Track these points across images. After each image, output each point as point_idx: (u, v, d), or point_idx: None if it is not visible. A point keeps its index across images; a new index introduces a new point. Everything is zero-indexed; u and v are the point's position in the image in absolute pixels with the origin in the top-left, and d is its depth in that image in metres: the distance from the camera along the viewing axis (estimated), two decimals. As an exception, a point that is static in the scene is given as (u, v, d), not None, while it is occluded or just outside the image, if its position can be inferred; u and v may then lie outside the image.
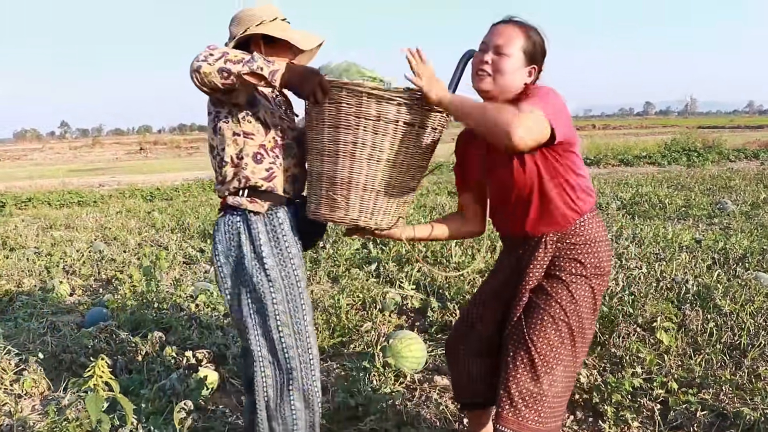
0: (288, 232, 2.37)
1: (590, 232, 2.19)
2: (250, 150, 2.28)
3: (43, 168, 32.07)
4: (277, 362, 2.39)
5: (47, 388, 3.68)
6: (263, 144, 2.31)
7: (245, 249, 2.33)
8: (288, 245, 2.36)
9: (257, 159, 2.29)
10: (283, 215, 2.36)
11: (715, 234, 6.91)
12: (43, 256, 7.13)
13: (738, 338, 3.76)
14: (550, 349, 2.12)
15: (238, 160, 2.29)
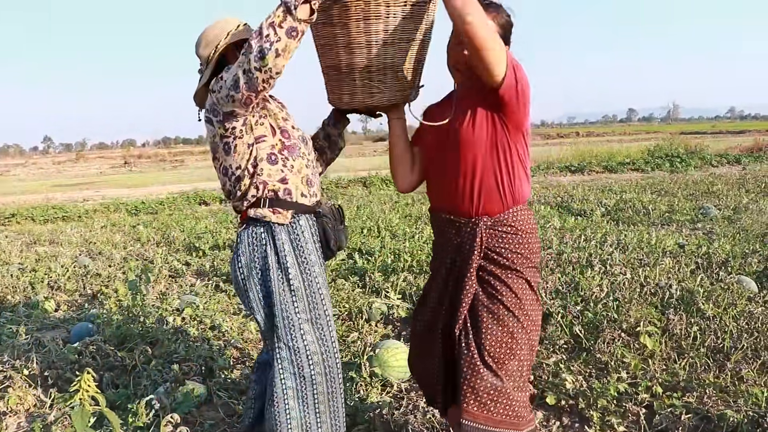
0: (309, 241, 2.41)
1: (522, 223, 2.24)
2: (264, 153, 2.32)
3: (26, 183, 31.83)
4: (300, 372, 2.40)
5: (33, 404, 3.65)
6: (273, 145, 2.35)
7: (270, 260, 2.36)
8: (309, 253, 2.40)
9: (272, 160, 2.34)
10: (304, 223, 2.41)
11: (698, 239, 6.97)
12: (27, 271, 7.08)
13: (721, 342, 3.80)
14: (500, 347, 2.17)
15: (253, 168, 2.32)
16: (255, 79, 2.07)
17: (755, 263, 5.47)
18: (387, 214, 9.88)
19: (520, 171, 2.23)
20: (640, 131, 68.38)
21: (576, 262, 5.68)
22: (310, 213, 2.44)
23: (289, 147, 2.38)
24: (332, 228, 2.50)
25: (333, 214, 2.54)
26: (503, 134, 2.17)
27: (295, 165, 2.40)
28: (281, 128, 2.39)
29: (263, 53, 2.02)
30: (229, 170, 2.37)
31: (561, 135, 66.07)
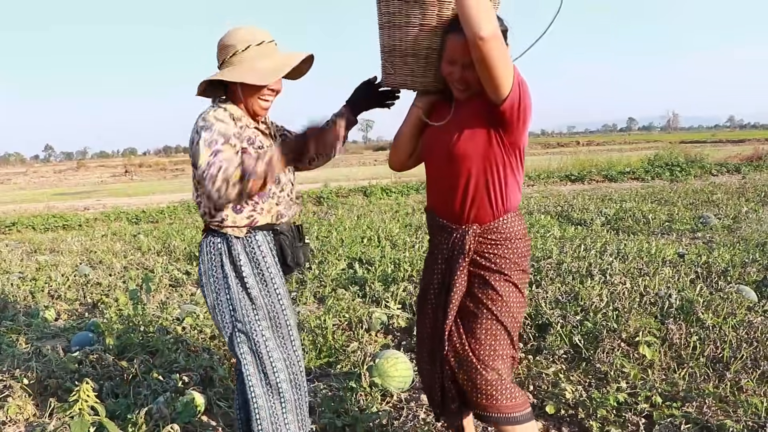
0: (267, 254, 2.45)
1: (511, 230, 2.28)
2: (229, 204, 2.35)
3: (27, 192, 31.88)
4: (266, 379, 2.44)
5: (32, 414, 3.65)
6: None
7: (226, 269, 2.41)
8: (268, 266, 2.45)
9: (236, 210, 2.39)
10: (261, 238, 2.44)
11: (698, 248, 6.98)
12: (27, 280, 7.09)
13: (720, 351, 3.80)
14: (491, 350, 2.25)
15: (215, 211, 2.38)
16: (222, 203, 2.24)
17: (755, 272, 5.47)
18: (387, 224, 9.89)
19: (513, 183, 2.27)
20: (640, 140, 68.42)
21: (576, 271, 5.69)
22: (267, 230, 2.47)
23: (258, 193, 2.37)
24: (289, 245, 2.51)
25: (291, 232, 2.55)
26: (499, 150, 2.20)
27: (265, 207, 2.43)
28: None
29: (218, 197, 2.14)
30: (200, 189, 2.40)
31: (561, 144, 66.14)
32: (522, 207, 11.90)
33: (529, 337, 4.21)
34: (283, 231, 2.51)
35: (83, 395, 2.72)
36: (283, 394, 2.46)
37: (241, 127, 2.37)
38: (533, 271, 5.83)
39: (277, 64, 2.38)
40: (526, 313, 4.48)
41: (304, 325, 4.74)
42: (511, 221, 2.29)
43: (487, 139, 2.18)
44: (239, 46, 2.34)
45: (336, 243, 8.21)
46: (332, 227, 9.88)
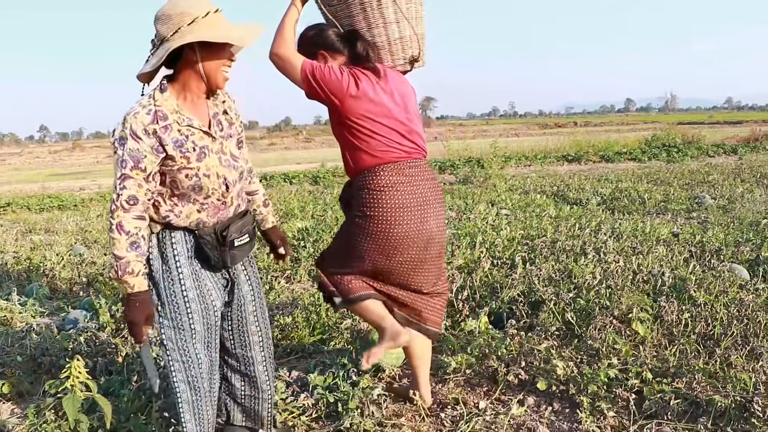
0: (181, 253, 2.41)
1: (369, 183, 2.78)
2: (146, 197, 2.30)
3: (22, 173, 31.80)
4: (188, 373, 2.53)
5: (26, 391, 3.67)
6: (162, 192, 2.34)
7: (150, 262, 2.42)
8: (179, 265, 2.40)
9: (154, 205, 2.36)
10: (179, 237, 2.41)
11: (692, 228, 6.99)
12: (22, 260, 7.08)
13: (711, 328, 3.82)
14: (342, 251, 2.96)
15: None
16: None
17: (748, 251, 5.48)
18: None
19: (355, 149, 2.79)
20: (638, 121, 68.41)
21: (570, 250, 5.70)
22: (185, 231, 2.42)
23: (178, 195, 2.34)
24: (211, 249, 2.42)
25: (211, 236, 2.43)
26: (337, 120, 2.80)
27: (184, 211, 2.37)
28: (171, 178, 2.30)
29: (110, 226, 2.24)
30: None
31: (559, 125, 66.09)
32: (518, 187, 11.92)
33: (522, 314, 4.23)
34: (202, 236, 2.42)
35: (74, 372, 2.73)
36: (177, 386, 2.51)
37: (165, 128, 2.25)
38: (527, 249, 5.84)
39: (241, 31, 2.31)
40: (520, 290, 4.50)
41: (298, 303, 4.75)
42: (368, 177, 2.79)
43: (330, 111, 2.80)
44: (197, 12, 2.20)
45: (331, 222, 8.20)
46: (327, 206, 9.88)
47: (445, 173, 16.78)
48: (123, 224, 2.19)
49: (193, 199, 2.35)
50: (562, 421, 3.10)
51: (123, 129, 2.20)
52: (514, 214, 8.46)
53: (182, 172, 2.29)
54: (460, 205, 9.47)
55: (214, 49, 2.25)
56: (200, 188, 2.34)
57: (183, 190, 2.33)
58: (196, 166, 2.31)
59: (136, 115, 2.21)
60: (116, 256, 2.19)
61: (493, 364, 3.53)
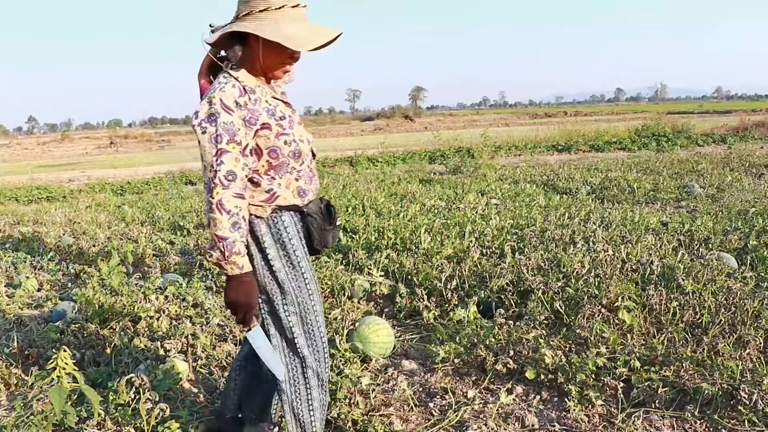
0: (294, 236, 2.33)
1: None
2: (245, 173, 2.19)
3: (10, 164, 31.56)
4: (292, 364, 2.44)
5: (14, 383, 3.64)
6: (257, 169, 2.24)
7: (252, 250, 2.30)
8: (295, 249, 2.33)
9: (254, 181, 2.25)
10: (288, 219, 2.32)
11: (681, 217, 7.02)
12: (10, 251, 7.04)
13: (699, 317, 3.83)
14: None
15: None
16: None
17: (736, 240, 5.51)
18: (372, 193, 9.87)
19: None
20: (628, 111, 68.51)
21: (559, 239, 5.71)
22: (294, 211, 2.35)
23: (276, 167, 2.26)
24: (317, 227, 2.38)
25: (320, 214, 2.42)
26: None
27: (283, 182, 2.29)
28: (270, 148, 2.23)
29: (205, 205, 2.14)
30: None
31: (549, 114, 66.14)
32: (508, 176, 11.93)
33: (511, 303, 4.24)
34: (311, 213, 2.37)
35: (61, 363, 2.71)
36: (308, 380, 2.42)
37: (255, 101, 2.19)
38: (516, 239, 5.85)
39: (312, 32, 2.19)
40: (509, 280, 4.51)
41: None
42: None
43: None
44: (273, 3, 2.13)
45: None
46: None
47: (435, 163, 16.78)
48: (223, 202, 2.08)
49: (291, 167, 2.30)
50: (551, 409, 3.11)
51: (211, 106, 2.11)
52: (504, 203, 8.47)
53: (280, 139, 2.24)
54: (450, 195, 9.47)
55: (274, 44, 2.14)
56: (299, 154, 2.31)
57: (283, 159, 2.26)
58: (291, 132, 2.28)
59: (224, 89, 2.14)
60: (219, 236, 2.08)
61: (482, 353, 3.53)
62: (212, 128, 2.10)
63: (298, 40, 2.12)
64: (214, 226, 2.09)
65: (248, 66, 2.25)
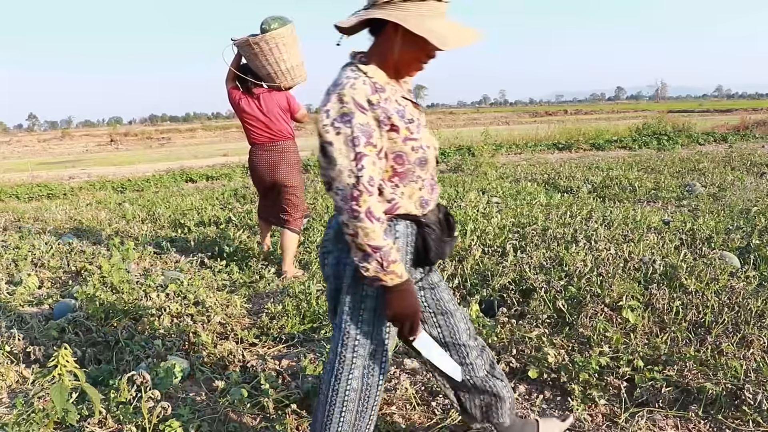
0: (402, 248, 2.13)
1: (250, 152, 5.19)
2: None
3: (10, 162, 31.56)
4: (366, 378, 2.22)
5: (15, 381, 3.63)
6: (383, 171, 2.06)
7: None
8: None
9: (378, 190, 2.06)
10: (402, 230, 2.13)
11: (683, 215, 7.01)
12: (10, 249, 7.02)
13: (702, 316, 3.82)
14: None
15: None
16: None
17: (738, 239, 5.50)
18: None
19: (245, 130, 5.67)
20: (628, 109, 68.51)
21: (561, 237, 5.70)
22: (411, 220, 2.15)
23: (401, 174, 2.08)
24: (435, 239, 2.17)
25: (439, 224, 2.21)
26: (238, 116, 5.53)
27: (406, 191, 2.11)
28: (396, 152, 2.06)
29: (340, 213, 1.95)
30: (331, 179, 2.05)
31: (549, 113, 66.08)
32: (509, 175, 11.90)
33: (513, 301, 4.22)
34: (430, 224, 2.17)
35: (62, 361, 2.70)
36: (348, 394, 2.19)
37: (386, 99, 2.02)
38: (518, 237, 5.84)
39: (455, 31, 2.04)
40: (511, 278, 4.51)
41: (288, 291, 4.73)
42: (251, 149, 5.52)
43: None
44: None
45: (321, 210, 8.18)
46: (318, 194, 9.85)
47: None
48: (372, 210, 1.91)
49: (416, 175, 2.12)
50: (554, 409, 3.10)
51: (343, 105, 1.94)
52: (505, 202, 8.45)
53: (408, 144, 2.06)
54: (451, 194, 9.45)
55: (418, 39, 1.99)
56: (425, 162, 2.13)
57: (408, 166, 2.09)
58: (418, 138, 2.10)
59: (354, 86, 1.97)
60: (374, 246, 1.91)
61: (485, 352, 3.51)
62: (347, 129, 1.93)
63: (442, 37, 1.98)
64: (365, 236, 1.91)
65: (378, 60, 2.09)
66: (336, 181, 1.94)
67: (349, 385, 2.18)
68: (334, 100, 1.95)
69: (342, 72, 2.05)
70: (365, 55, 2.10)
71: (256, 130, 5.57)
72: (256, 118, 5.51)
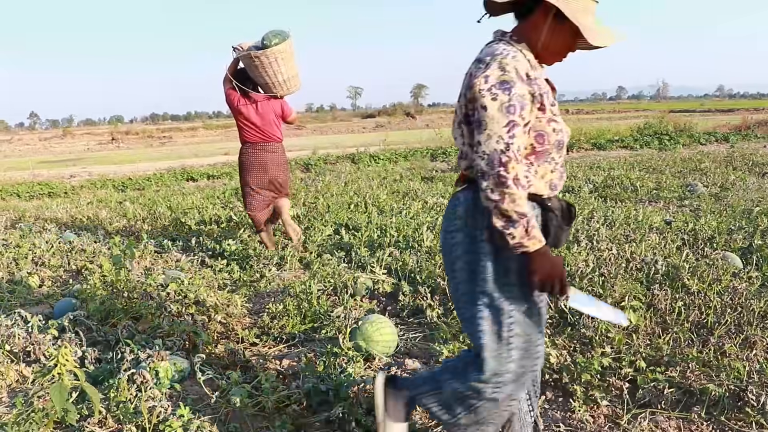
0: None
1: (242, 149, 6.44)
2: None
3: (11, 160, 31.55)
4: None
5: (15, 380, 3.62)
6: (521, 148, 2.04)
7: (475, 233, 2.13)
8: None
9: None
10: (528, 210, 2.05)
11: (685, 215, 6.99)
12: (11, 247, 7.01)
13: (705, 317, 3.81)
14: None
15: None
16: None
17: (740, 239, 5.48)
18: (374, 190, 9.85)
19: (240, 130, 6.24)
20: (630, 109, 68.39)
21: (562, 238, 5.67)
22: (537, 203, 2.14)
23: (538, 153, 2.09)
24: (556, 225, 2.15)
25: (561, 210, 2.19)
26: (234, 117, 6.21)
27: (540, 171, 2.12)
28: (538, 131, 2.07)
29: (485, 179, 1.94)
30: (474, 144, 2.02)
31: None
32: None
33: (515, 302, 4.20)
34: (554, 209, 2.15)
35: (62, 360, 2.69)
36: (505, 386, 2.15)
37: (536, 79, 2.04)
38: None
39: (601, 29, 2.07)
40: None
41: (289, 290, 4.72)
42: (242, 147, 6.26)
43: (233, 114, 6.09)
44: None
45: (322, 209, 8.17)
46: (319, 193, 9.84)
47: (437, 161, 16.74)
48: (519, 177, 1.91)
49: (551, 157, 2.14)
50: (555, 410, 3.09)
51: (504, 72, 1.96)
52: (507, 201, 8.41)
53: (550, 125, 2.09)
54: (452, 193, 9.44)
55: (566, 29, 2.05)
56: (562, 145, 2.16)
57: (547, 146, 2.10)
58: (559, 121, 2.13)
59: (515, 57, 2.00)
60: (520, 213, 1.90)
61: (486, 352, 3.50)
62: (505, 96, 1.94)
63: (592, 32, 2.03)
64: (512, 202, 1.90)
65: (526, 40, 2.12)
66: (483, 146, 1.94)
67: (508, 367, 2.14)
68: (494, 67, 1.97)
69: (495, 45, 2.08)
70: (515, 35, 2.12)
71: (250, 131, 6.13)
72: (252, 122, 6.08)
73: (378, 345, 3.65)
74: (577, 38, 2.08)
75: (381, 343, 3.66)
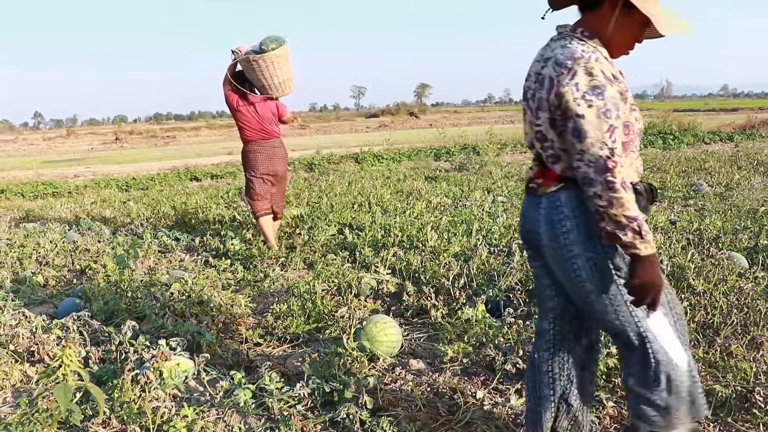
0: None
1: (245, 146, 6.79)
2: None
3: (16, 159, 31.60)
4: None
5: (19, 380, 3.63)
6: None
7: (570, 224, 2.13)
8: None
9: None
10: None
11: (690, 215, 6.97)
12: (15, 247, 7.02)
13: (711, 317, 3.79)
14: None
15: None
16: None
17: (746, 239, 5.46)
18: (378, 190, 9.84)
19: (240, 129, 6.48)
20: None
21: (567, 237, 5.66)
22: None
23: (625, 144, 2.05)
24: (642, 207, 2.08)
25: (646, 192, 2.19)
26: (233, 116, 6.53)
27: (627, 160, 2.09)
28: (624, 123, 2.04)
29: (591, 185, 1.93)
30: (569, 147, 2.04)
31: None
32: (514, 175, 11.87)
33: (520, 302, 4.20)
34: (642, 191, 2.15)
35: (66, 360, 2.68)
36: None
37: (619, 76, 2.06)
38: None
39: (672, 19, 2.06)
40: (517, 279, 4.48)
41: (293, 290, 4.71)
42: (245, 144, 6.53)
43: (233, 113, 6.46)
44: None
45: (326, 209, 8.16)
46: (323, 193, 9.83)
47: (440, 160, 16.73)
48: (626, 180, 1.91)
49: (634, 145, 2.15)
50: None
51: (593, 77, 1.96)
52: (511, 201, 8.43)
53: (633, 115, 2.10)
54: (456, 192, 9.43)
55: (634, 20, 2.05)
56: (641, 132, 2.19)
57: (632, 135, 2.10)
58: (637, 108, 2.14)
59: (598, 59, 2.00)
60: (631, 216, 1.90)
61: (491, 352, 3.49)
62: (600, 102, 1.95)
63: (663, 22, 2.02)
64: (620, 206, 1.90)
65: (596, 37, 2.10)
66: (587, 154, 1.94)
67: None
68: (581, 73, 1.96)
69: (570, 45, 2.05)
70: (586, 30, 2.10)
71: (251, 130, 6.44)
72: (251, 121, 6.41)
73: (382, 345, 3.64)
74: (645, 29, 2.07)
75: (385, 344, 3.65)
